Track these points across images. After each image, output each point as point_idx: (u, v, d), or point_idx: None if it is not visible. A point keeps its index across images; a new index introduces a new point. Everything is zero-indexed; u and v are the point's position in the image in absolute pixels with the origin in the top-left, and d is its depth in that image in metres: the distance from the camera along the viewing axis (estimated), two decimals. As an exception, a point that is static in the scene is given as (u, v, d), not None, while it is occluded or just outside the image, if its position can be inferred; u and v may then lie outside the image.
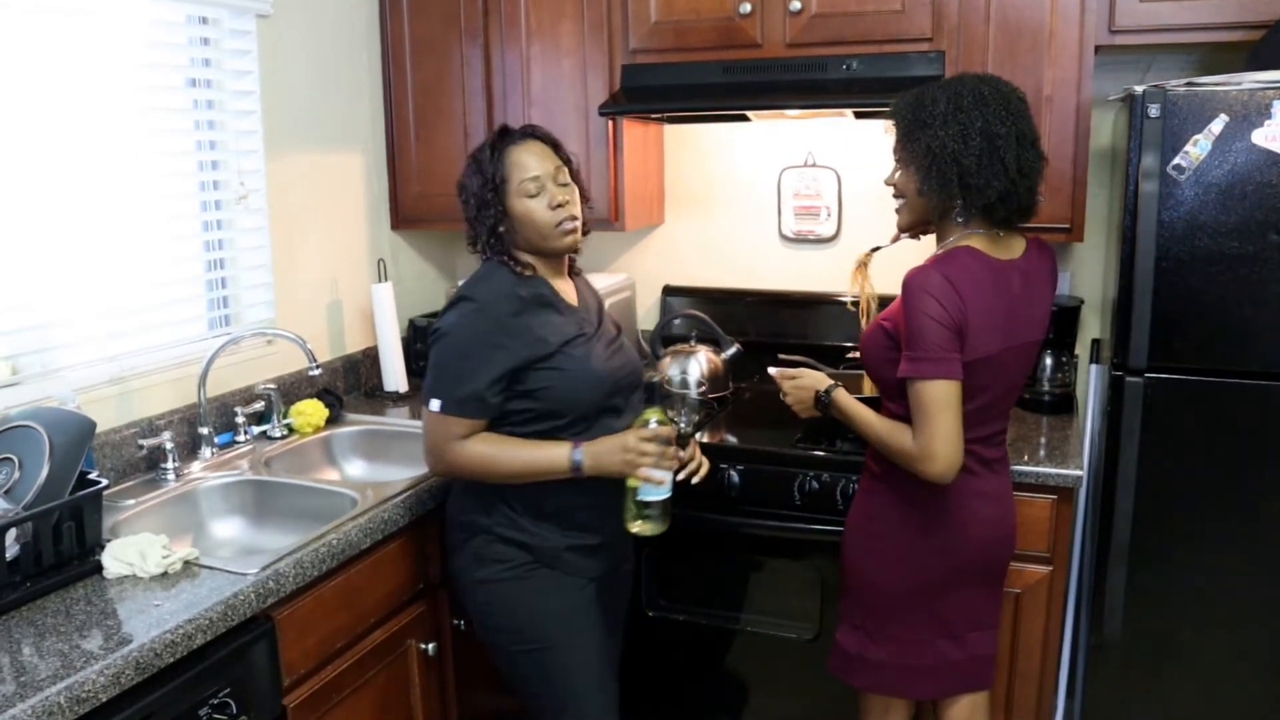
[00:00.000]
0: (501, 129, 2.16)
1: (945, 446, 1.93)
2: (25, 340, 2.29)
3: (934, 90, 2.01)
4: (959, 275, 1.95)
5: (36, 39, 2.26)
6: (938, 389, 1.93)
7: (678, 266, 3.44)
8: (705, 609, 2.78)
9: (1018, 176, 1.95)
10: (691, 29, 2.87)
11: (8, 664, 1.59)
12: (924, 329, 1.93)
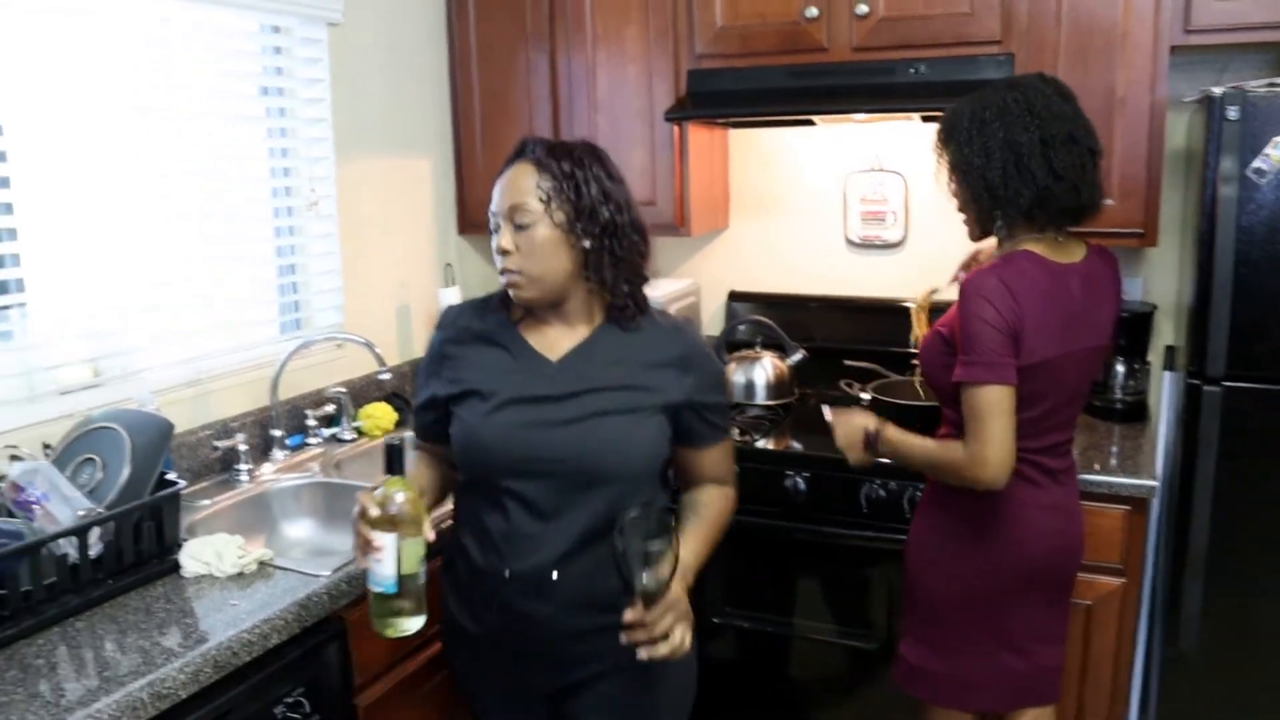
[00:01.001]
0: (518, 146, 1.78)
1: (997, 452, 1.92)
2: (106, 343, 2.36)
3: (961, 105, 2.04)
4: (1015, 279, 1.94)
5: (119, 49, 2.32)
6: (991, 394, 1.92)
7: (742, 272, 3.43)
8: (770, 616, 2.77)
9: (1052, 181, 1.93)
10: (756, 34, 2.86)
11: (92, 659, 1.63)
12: (978, 334, 1.93)
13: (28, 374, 2.21)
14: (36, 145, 2.19)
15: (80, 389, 2.28)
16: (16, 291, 2.21)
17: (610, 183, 1.73)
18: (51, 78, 2.20)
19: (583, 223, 1.69)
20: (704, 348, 1.86)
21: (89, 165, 2.28)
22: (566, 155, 1.71)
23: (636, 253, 1.76)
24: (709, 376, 1.83)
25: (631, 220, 1.75)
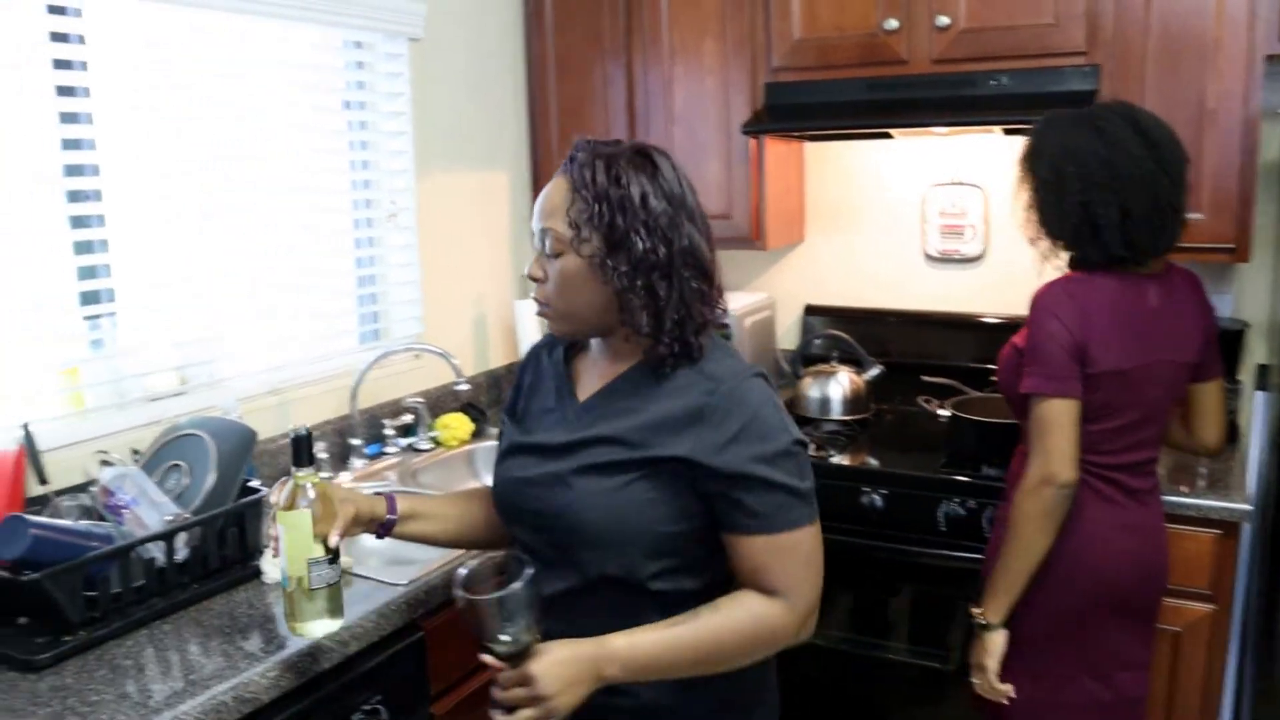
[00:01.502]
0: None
1: (1057, 465, 1.90)
2: (193, 352, 2.41)
3: (1044, 138, 2.02)
4: (1086, 291, 1.93)
5: (206, 64, 2.38)
6: (1053, 407, 1.91)
7: (818, 285, 3.40)
8: (845, 635, 2.73)
9: (1124, 250, 1.93)
10: (835, 46, 2.84)
11: (177, 661, 1.66)
12: (1043, 346, 1.92)
13: (117, 381, 2.27)
14: (127, 158, 2.25)
15: (167, 396, 2.34)
16: (107, 301, 2.27)
17: (658, 204, 1.43)
18: (142, 92, 2.26)
19: (613, 259, 1.43)
20: (740, 402, 1.43)
21: (177, 178, 2.34)
22: (609, 168, 1.44)
23: (687, 290, 1.44)
24: (734, 436, 1.42)
25: (685, 251, 1.44)
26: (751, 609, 1.45)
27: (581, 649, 1.39)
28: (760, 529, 1.42)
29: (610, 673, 1.40)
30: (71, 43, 2.15)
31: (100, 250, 2.24)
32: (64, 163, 2.15)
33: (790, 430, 1.46)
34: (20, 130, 2.04)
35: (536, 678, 1.35)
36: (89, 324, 2.25)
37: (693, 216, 1.48)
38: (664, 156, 1.49)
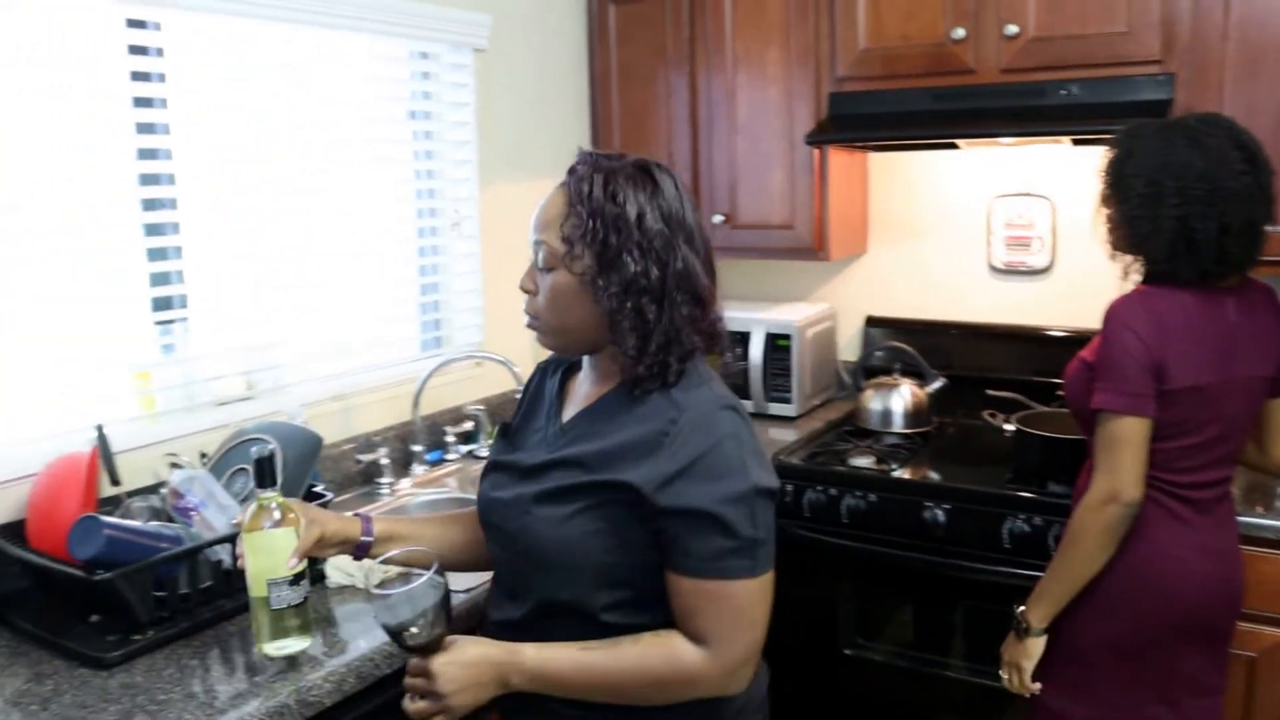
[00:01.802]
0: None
1: (1124, 483, 1.87)
2: (259, 358, 2.45)
3: (1137, 149, 1.96)
4: (1164, 305, 1.89)
5: (275, 75, 2.42)
6: (1123, 424, 1.87)
7: (880, 297, 3.37)
8: (905, 650, 2.70)
9: (1216, 266, 1.89)
10: (901, 56, 2.82)
11: (242, 663, 1.68)
12: (1117, 361, 1.88)
13: (188, 386, 2.32)
14: (200, 167, 2.30)
15: (235, 401, 2.38)
16: (179, 307, 2.32)
17: (654, 224, 1.40)
18: (215, 103, 2.30)
19: (604, 278, 1.40)
20: (699, 434, 1.38)
21: (247, 186, 2.38)
22: (606, 184, 1.41)
23: (678, 315, 1.40)
24: (682, 469, 1.36)
25: (679, 275, 1.40)
26: (670, 652, 1.39)
27: (491, 652, 1.41)
28: (693, 571, 1.37)
29: (515, 681, 1.40)
30: (150, 55, 2.20)
31: (174, 257, 2.29)
32: (140, 172, 2.19)
33: (750, 473, 1.38)
34: (100, 140, 2.09)
35: (435, 674, 1.37)
36: (161, 329, 2.30)
37: (691, 238, 1.44)
38: (666, 174, 1.46)
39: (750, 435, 1.43)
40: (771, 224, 3.09)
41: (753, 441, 1.42)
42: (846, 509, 2.67)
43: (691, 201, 1.47)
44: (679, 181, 1.47)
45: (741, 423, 1.42)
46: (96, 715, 1.50)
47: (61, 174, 2.03)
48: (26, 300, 2.00)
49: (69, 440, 2.01)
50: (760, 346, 3.14)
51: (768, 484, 1.40)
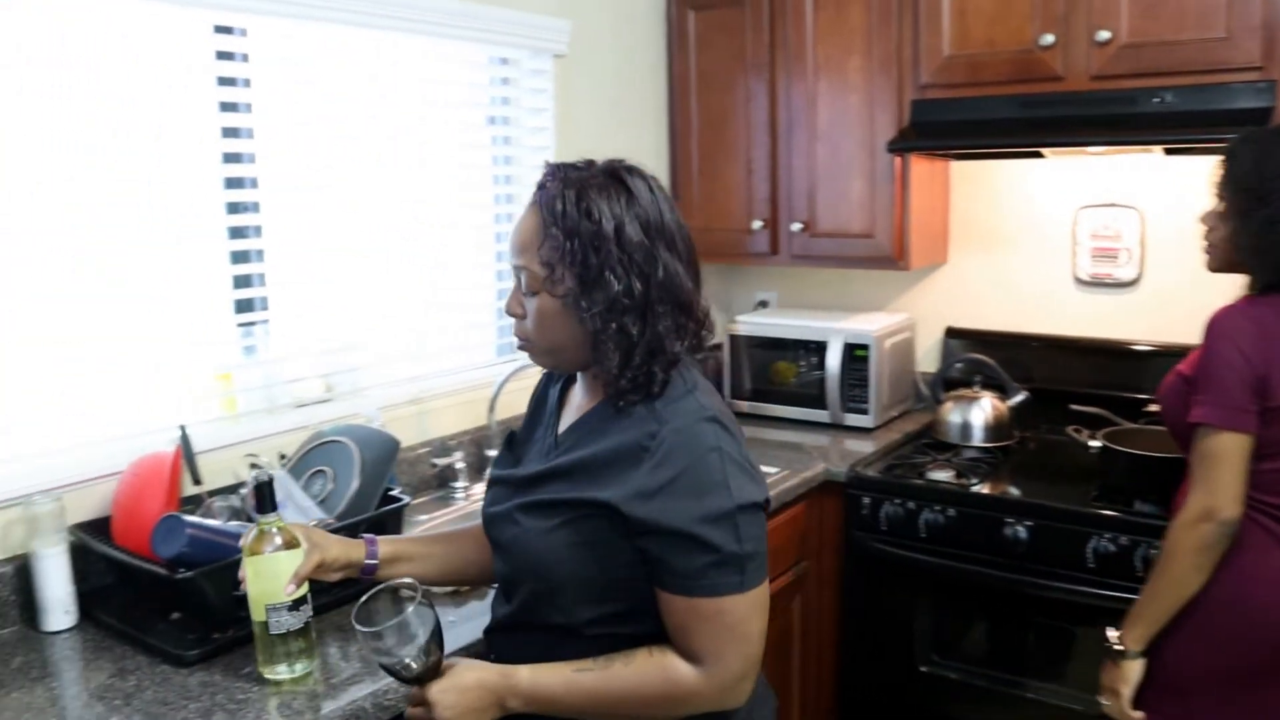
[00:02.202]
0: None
1: (1221, 500, 1.80)
2: (337, 360, 2.47)
3: (1254, 161, 1.87)
4: (1270, 317, 1.81)
5: (357, 81, 2.44)
6: (1222, 440, 1.81)
7: (960, 308, 3.30)
8: (983, 669, 2.63)
9: None
10: (986, 63, 2.76)
11: (318, 665, 1.69)
12: (1218, 375, 1.82)
13: (268, 387, 2.34)
14: (283, 171, 2.32)
15: (313, 403, 2.40)
16: (260, 309, 2.35)
17: (633, 234, 1.35)
18: (298, 108, 2.33)
19: (587, 299, 1.36)
20: (680, 449, 1.34)
21: (327, 190, 2.41)
22: (579, 200, 1.36)
23: (662, 325, 1.37)
24: (663, 485, 1.33)
25: (662, 285, 1.37)
26: (665, 669, 1.37)
27: (486, 676, 1.40)
28: (680, 589, 1.34)
29: (512, 704, 1.40)
30: (236, 61, 2.23)
31: (256, 260, 2.32)
32: (225, 175, 2.23)
33: (731, 489, 1.34)
34: (186, 144, 2.13)
35: (435, 703, 1.37)
36: (242, 331, 2.33)
37: (671, 242, 1.39)
38: (638, 176, 1.42)
39: (735, 445, 1.39)
40: (851, 232, 3.05)
41: (737, 452, 1.38)
42: (925, 523, 2.61)
43: (668, 199, 1.43)
44: (653, 182, 1.43)
45: (724, 434, 1.38)
46: (177, 712, 1.52)
47: (149, 177, 2.07)
48: (114, 302, 2.04)
49: (153, 440, 2.05)
50: (837, 356, 3.09)
51: (752, 498, 1.37)
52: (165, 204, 2.10)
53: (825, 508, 2.83)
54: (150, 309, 2.10)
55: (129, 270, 2.06)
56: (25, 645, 1.79)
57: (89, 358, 2.01)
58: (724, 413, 1.42)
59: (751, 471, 1.40)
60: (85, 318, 2.00)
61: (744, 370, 3.33)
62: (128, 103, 2.02)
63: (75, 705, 1.58)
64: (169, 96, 2.08)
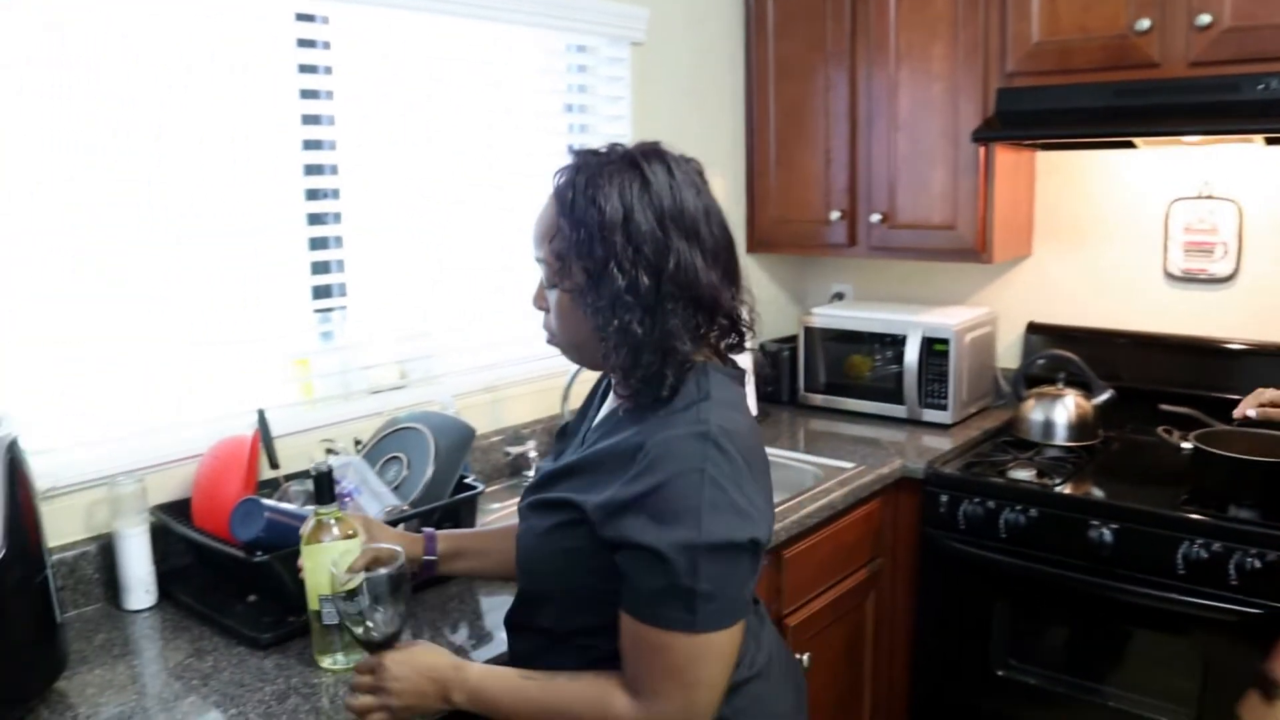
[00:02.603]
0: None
1: None
2: (413, 348, 2.48)
3: None
4: None
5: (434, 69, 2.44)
6: None
7: (1044, 302, 3.21)
8: (1062, 675, 2.56)
9: None
10: (1077, 49, 2.67)
11: (389, 652, 1.70)
12: None
13: (344, 373, 2.36)
14: (362, 159, 2.33)
15: (388, 390, 2.41)
16: (339, 295, 2.36)
17: (644, 224, 1.27)
18: (378, 95, 2.33)
19: (593, 294, 1.29)
20: (658, 465, 1.23)
21: (406, 178, 2.41)
22: (588, 187, 1.29)
23: (672, 323, 1.27)
24: (632, 500, 1.23)
25: (675, 279, 1.27)
26: (603, 695, 1.29)
27: (440, 662, 1.38)
28: (630, 609, 1.26)
29: (456, 699, 1.37)
30: (317, 48, 2.24)
31: (335, 246, 2.33)
32: (305, 161, 2.24)
33: (702, 519, 1.20)
34: (268, 131, 2.14)
35: (385, 668, 1.36)
36: (320, 317, 2.34)
37: (692, 231, 1.29)
38: (659, 160, 1.32)
39: (729, 469, 1.24)
40: (932, 224, 2.98)
41: (727, 476, 1.24)
42: (1005, 523, 2.55)
43: (695, 183, 1.33)
44: (679, 165, 1.33)
45: (717, 455, 1.24)
46: (252, 694, 1.53)
47: (232, 164, 2.09)
48: (197, 287, 2.06)
49: (232, 424, 2.07)
50: (916, 350, 3.03)
51: (726, 535, 1.22)
52: (247, 190, 2.12)
53: (901, 505, 2.77)
54: (231, 295, 2.12)
55: (212, 256, 2.08)
56: (108, 623, 1.82)
57: (172, 342, 2.04)
58: (731, 431, 1.27)
59: (739, 502, 1.24)
60: (170, 303, 2.03)
61: (819, 363, 3.27)
62: (211, 88, 2.03)
63: (155, 684, 1.59)
64: (251, 83, 2.09)
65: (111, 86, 1.89)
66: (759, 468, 1.32)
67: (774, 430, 3.08)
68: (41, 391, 1.86)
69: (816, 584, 2.50)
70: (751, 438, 1.33)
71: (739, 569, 1.25)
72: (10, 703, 1.45)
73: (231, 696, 1.53)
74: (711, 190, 1.38)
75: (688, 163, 1.36)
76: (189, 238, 2.04)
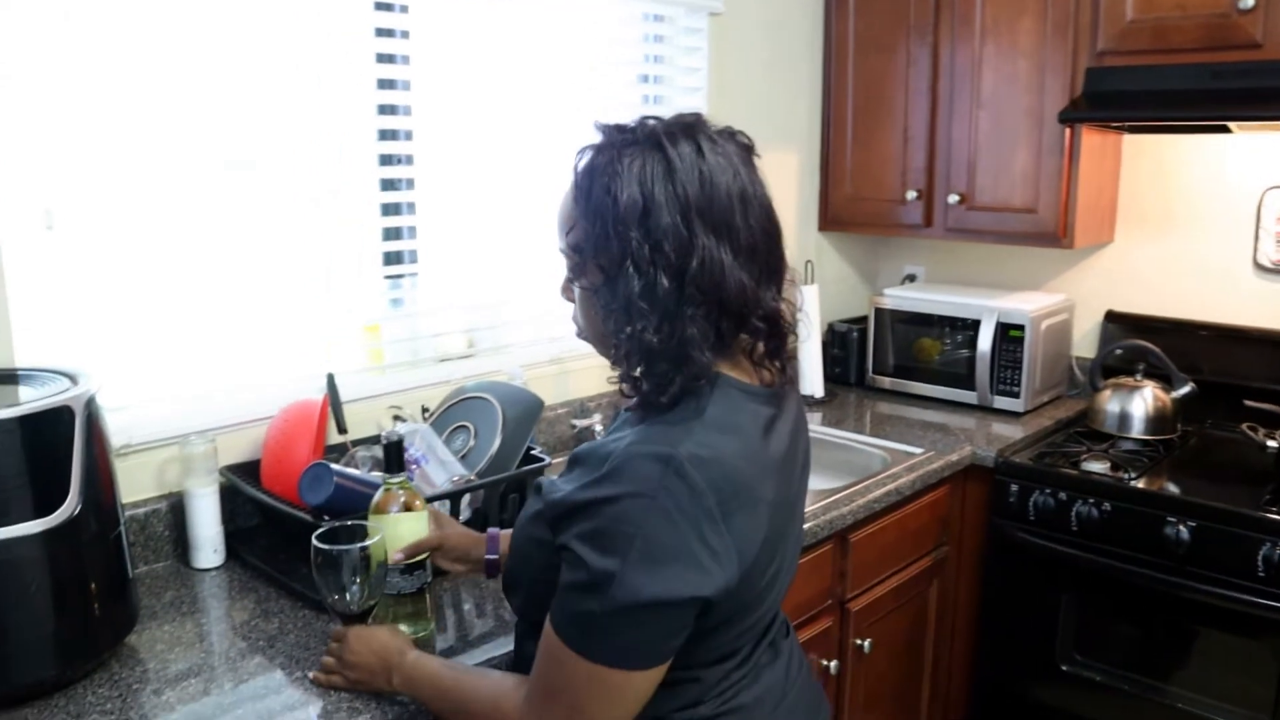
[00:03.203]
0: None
1: None
2: (481, 317, 2.47)
3: None
4: None
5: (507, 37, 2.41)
6: None
7: (1124, 291, 3.12)
8: (1130, 674, 2.50)
9: None
10: (1174, 28, 2.57)
11: (453, 620, 1.70)
12: None
13: (413, 340, 2.36)
14: (436, 125, 2.32)
15: (456, 358, 2.41)
16: (410, 262, 2.36)
17: (665, 217, 1.12)
18: (454, 60, 2.31)
19: (608, 293, 1.16)
20: (611, 480, 1.10)
21: (478, 147, 2.39)
22: (605, 171, 1.16)
23: (693, 330, 1.13)
24: (583, 499, 1.12)
25: (698, 280, 1.12)
26: (498, 698, 1.24)
27: (392, 645, 1.39)
28: (552, 608, 1.15)
29: (395, 682, 1.37)
30: (394, 12, 2.23)
31: (407, 213, 2.32)
32: (379, 127, 2.23)
33: (626, 563, 1.06)
34: (343, 96, 2.13)
35: (348, 641, 1.41)
36: (390, 284, 2.34)
37: (721, 224, 1.14)
38: (688, 137, 1.16)
39: (684, 502, 1.08)
40: (1012, 206, 2.89)
41: (680, 511, 1.07)
42: (1077, 516, 2.48)
43: (733, 164, 1.17)
44: (712, 144, 1.17)
45: (676, 485, 1.08)
46: (316, 658, 1.53)
47: (307, 128, 2.08)
48: (270, 250, 2.07)
49: (302, 387, 2.08)
50: (990, 336, 2.96)
51: (647, 594, 1.07)
52: (322, 156, 2.11)
53: (969, 493, 2.72)
54: (304, 259, 2.12)
55: (286, 220, 2.08)
56: (177, 580, 1.84)
57: (245, 304, 2.05)
58: (706, 460, 1.10)
59: (690, 545, 1.08)
60: (243, 265, 2.03)
61: (888, 346, 3.22)
62: (288, 53, 2.03)
63: (221, 643, 1.61)
64: (327, 46, 2.08)
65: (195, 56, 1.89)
66: (742, 503, 1.13)
67: (840, 412, 3.04)
68: (119, 350, 1.87)
69: (880, 569, 2.47)
70: (744, 470, 1.14)
71: (664, 622, 1.10)
72: (84, 654, 1.47)
73: (297, 660, 1.54)
74: (759, 169, 1.22)
75: (730, 138, 1.20)
76: (266, 202, 2.04)
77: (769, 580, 1.22)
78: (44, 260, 1.77)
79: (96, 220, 1.82)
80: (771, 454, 1.21)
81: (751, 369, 1.22)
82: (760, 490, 1.16)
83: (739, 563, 1.12)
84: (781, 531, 1.23)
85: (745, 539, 1.13)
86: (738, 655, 1.25)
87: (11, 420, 1.37)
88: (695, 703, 1.22)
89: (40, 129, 1.72)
